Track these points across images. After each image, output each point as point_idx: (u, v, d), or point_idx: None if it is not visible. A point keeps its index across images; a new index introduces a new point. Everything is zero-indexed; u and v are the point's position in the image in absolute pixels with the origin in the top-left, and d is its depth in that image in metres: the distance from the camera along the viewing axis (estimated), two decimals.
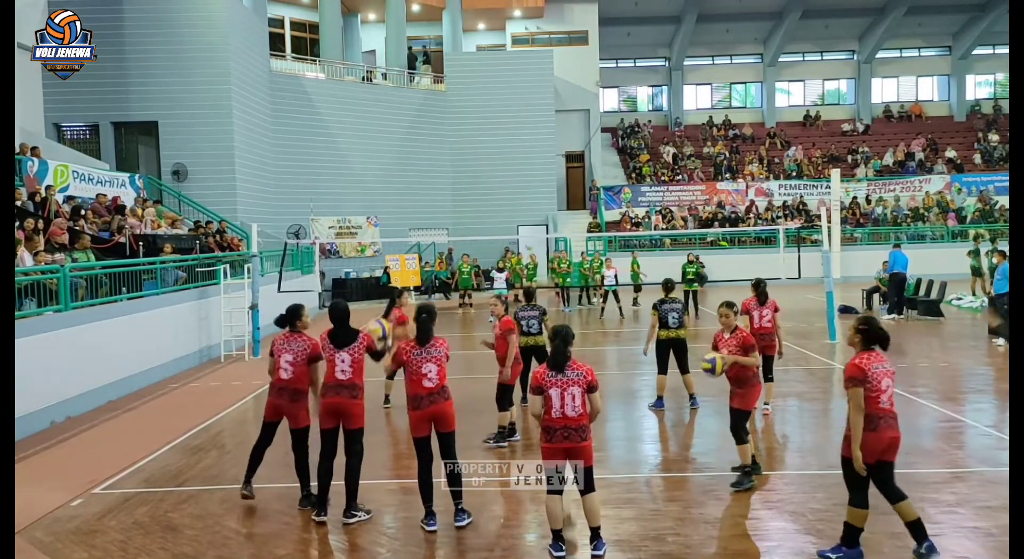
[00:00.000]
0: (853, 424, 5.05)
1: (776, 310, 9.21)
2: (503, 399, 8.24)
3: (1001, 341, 13.46)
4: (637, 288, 21.11)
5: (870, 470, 5.06)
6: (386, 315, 9.73)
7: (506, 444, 8.10)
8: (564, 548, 5.30)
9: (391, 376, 10.11)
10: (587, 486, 5.32)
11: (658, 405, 9.56)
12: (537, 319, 9.09)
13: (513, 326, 8.27)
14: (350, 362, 6.03)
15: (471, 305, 22.74)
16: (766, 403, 9.25)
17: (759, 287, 9.33)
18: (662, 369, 9.55)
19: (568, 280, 21.57)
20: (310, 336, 6.44)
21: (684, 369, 9.53)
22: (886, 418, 5.08)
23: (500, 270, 20.40)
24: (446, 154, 29.80)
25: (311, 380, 6.38)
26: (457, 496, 6.00)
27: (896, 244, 19.33)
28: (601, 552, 5.35)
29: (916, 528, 5.10)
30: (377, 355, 6.30)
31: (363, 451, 6.12)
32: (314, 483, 6.28)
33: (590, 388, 5.27)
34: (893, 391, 5.16)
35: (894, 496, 5.11)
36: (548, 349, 9.13)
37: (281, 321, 6.53)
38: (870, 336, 5.15)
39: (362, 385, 6.12)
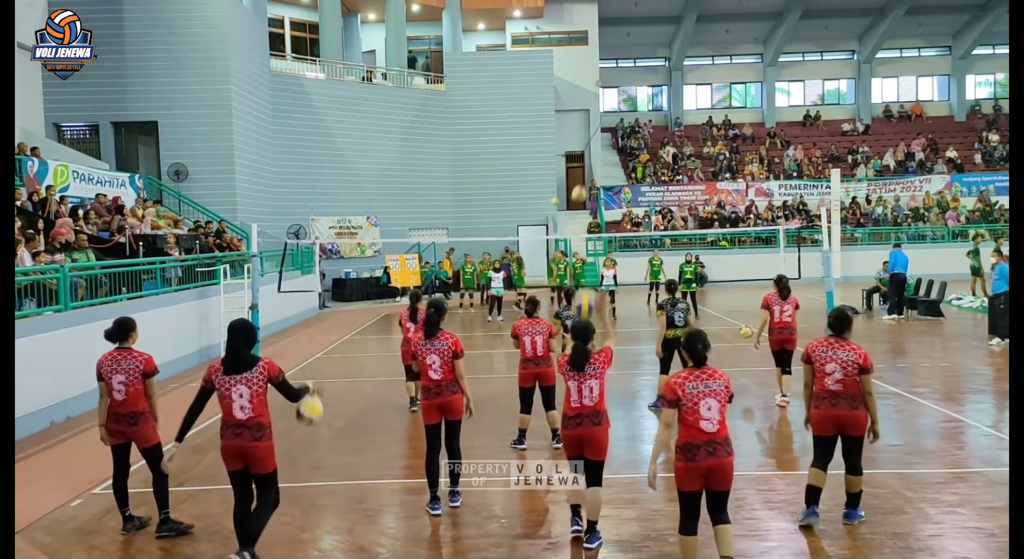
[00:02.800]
0: (804, 395, 5.90)
1: (797, 307, 9.58)
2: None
3: (997, 341, 13.47)
4: (654, 286, 21.11)
5: (832, 441, 5.67)
6: (412, 317, 9.59)
7: (525, 446, 8.02)
8: (581, 523, 5.62)
9: (412, 377, 9.98)
10: (592, 480, 5.47)
11: (657, 405, 9.55)
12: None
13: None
14: (249, 396, 5.05)
15: (472, 305, 22.76)
16: (784, 395, 9.61)
17: (781, 282, 9.64)
18: (664, 369, 9.52)
19: (565, 281, 21.55)
20: (141, 351, 5.91)
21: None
22: (830, 398, 5.59)
23: (497, 270, 20.34)
24: (446, 154, 29.79)
25: (147, 395, 5.80)
26: (454, 481, 6.32)
27: (896, 244, 19.31)
28: (594, 546, 5.44)
29: (851, 498, 5.69)
30: (292, 395, 5.27)
31: (279, 499, 5.29)
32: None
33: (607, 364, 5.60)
34: (844, 376, 5.52)
35: (849, 468, 5.65)
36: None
37: (111, 335, 5.89)
38: (828, 323, 5.76)
39: (268, 423, 5.15)
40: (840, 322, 5.68)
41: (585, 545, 5.46)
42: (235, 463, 5.12)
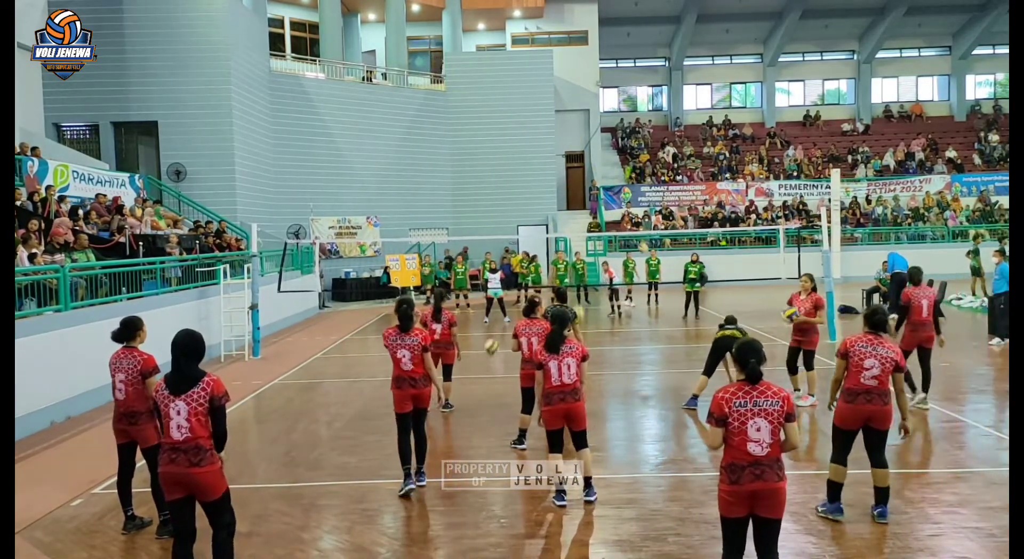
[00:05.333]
0: (831, 388, 6.10)
1: (817, 306, 9.38)
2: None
3: (997, 341, 13.47)
4: (653, 286, 21.13)
5: (854, 435, 5.82)
6: (436, 317, 9.58)
7: (525, 446, 8.00)
8: (566, 499, 6.26)
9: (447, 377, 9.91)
10: (580, 445, 6.30)
11: (691, 404, 9.43)
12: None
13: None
14: (187, 414, 4.50)
15: (468, 305, 22.76)
16: (811, 394, 9.53)
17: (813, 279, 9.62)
18: (708, 371, 9.38)
19: (566, 281, 21.58)
20: (142, 351, 5.85)
21: None
22: (865, 394, 5.72)
23: (493, 271, 20.34)
24: (446, 154, 29.80)
25: (147, 395, 5.68)
26: (420, 461, 6.78)
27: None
28: (592, 498, 6.29)
29: (882, 493, 5.79)
30: (220, 430, 4.65)
31: (235, 522, 4.80)
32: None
33: (583, 358, 6.22)
34: (881, 372, 5.68)
35: (876, 461, 5.79)
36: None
37: (117, 335, 5.86)
38: (866, 321, 5.99)
39: (210, 447, 4.58)
40: (882, 320, 5.94)
41: (584, 498, 6.29)
42: (174, 491, 4.57)
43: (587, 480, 6.32)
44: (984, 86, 38.76)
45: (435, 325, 9.55)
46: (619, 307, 19.94)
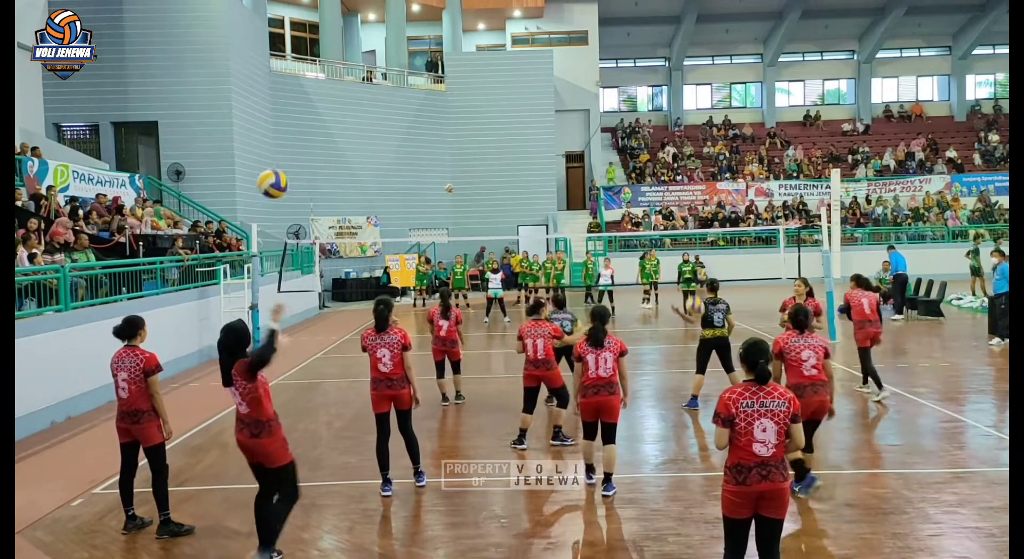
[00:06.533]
0: None
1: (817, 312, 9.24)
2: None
3: (997, 341, 13.48)
4: (653, 285, 21.14)
5: (814, 425, 6.29)
6: (445, 314, 9.70)
7: (525, 446, 8.00)
8: (594, 478, 6.56)
9: (442, 375, 10.01)
10: (608, 439, 6.39)
11: (692, 405, 9.44)
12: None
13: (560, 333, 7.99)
14: (240, 399, 5.19)
15: (468, 305, 22.76)
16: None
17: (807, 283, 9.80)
18: (700, 369, 9.45)
19: (563, 281, 21.58)
20: (144, 349, 5.96)
21: (729, 368, 9.51)
22: (811, 385, 6.11)
23: (495, 271, 20.32)
24: (446, 154, 29.80)
25: (151, 394, 5.85)
26: (415, 461, 6.78)
27: (891, 247, 19.41)
28: (610, 493, 6.38)
29: (802, 470, 6.16)
30: (267, 350, 5.06)
31: (296, 493, 5.30)
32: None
33: (621, 353, 6.40)
34: (820, 361, 6.11)
35: (809, 447, 6.33)
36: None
37: (119, 332, 5.97)
38: (791, 319, 6.31)
39: (268, 419, 5.18)
40: (807, 318, 6.27)
41: (603, 493, 6.37)
42: (247, 457, 5.33)
43: (608, 475, 6.43)
44: (984, 86, 38.75)
45: (442, 322, 9.66)
46: (615, 307, 19.90)
